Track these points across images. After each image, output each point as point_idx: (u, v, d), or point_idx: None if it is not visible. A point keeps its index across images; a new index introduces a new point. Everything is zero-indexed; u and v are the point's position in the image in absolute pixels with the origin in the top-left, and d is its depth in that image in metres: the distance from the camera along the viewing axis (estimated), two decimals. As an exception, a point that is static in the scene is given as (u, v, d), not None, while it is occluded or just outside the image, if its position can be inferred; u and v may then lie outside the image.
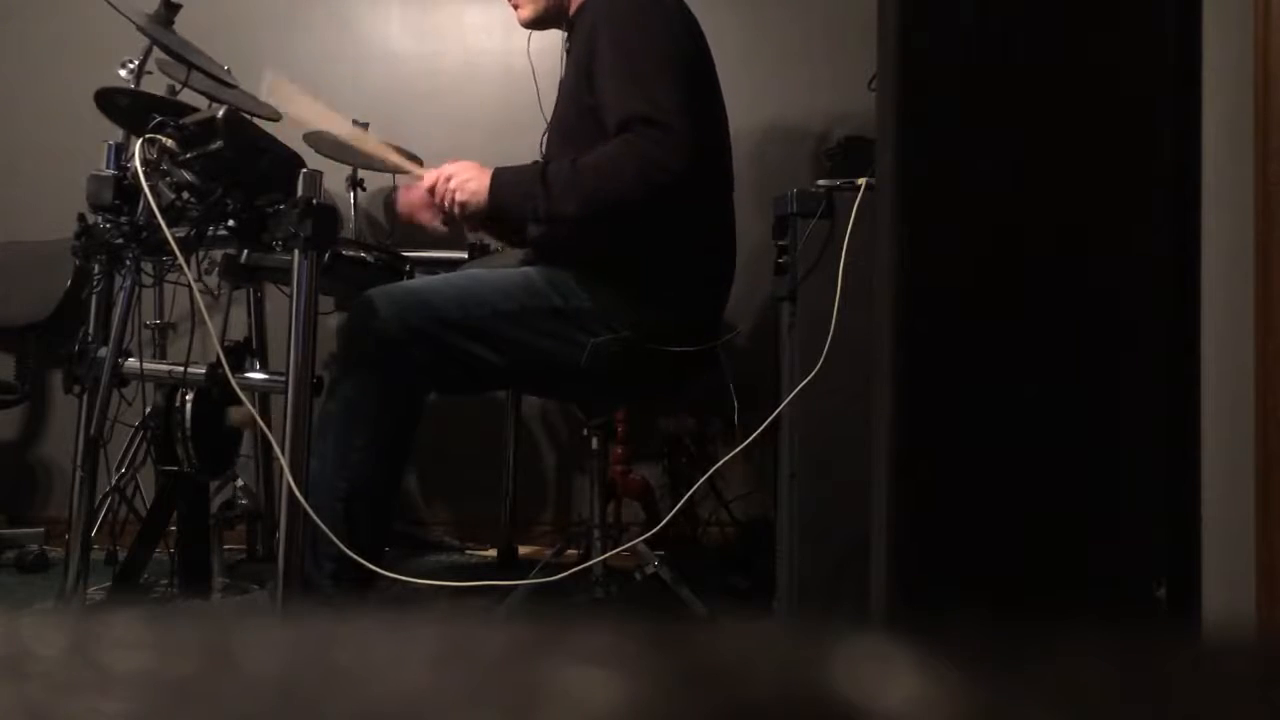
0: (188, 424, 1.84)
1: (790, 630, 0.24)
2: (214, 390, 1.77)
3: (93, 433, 1.76)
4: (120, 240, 1.72)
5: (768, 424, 1.86)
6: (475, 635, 0.23)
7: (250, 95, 2.33)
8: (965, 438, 1.19)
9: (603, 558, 1.93)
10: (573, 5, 1.89)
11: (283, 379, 1.60)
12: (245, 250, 1.72)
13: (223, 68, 2.32)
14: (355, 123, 2.59)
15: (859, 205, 1.77)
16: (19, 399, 2.73)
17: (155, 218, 1.55)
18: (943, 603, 1.13)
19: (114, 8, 2.01)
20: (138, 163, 1.57)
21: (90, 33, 2.76)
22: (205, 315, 1.61)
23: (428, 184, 1.81)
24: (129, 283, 1.77)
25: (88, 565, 1.78)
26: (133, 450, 2.43)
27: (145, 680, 0.20)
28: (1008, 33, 1.19)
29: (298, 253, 1.57)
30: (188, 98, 2.25)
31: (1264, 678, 0.22)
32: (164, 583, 1.99)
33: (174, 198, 1.63)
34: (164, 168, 1.62)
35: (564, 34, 1.96)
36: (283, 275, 1.74)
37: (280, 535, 1.56)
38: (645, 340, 1.76)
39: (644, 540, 1.93)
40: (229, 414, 1.88)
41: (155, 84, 2.31)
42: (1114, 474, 1.21)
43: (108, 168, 1.99)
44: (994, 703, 0.20)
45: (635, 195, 1.66)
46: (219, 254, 1.78)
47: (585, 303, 1.76)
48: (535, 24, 1.94)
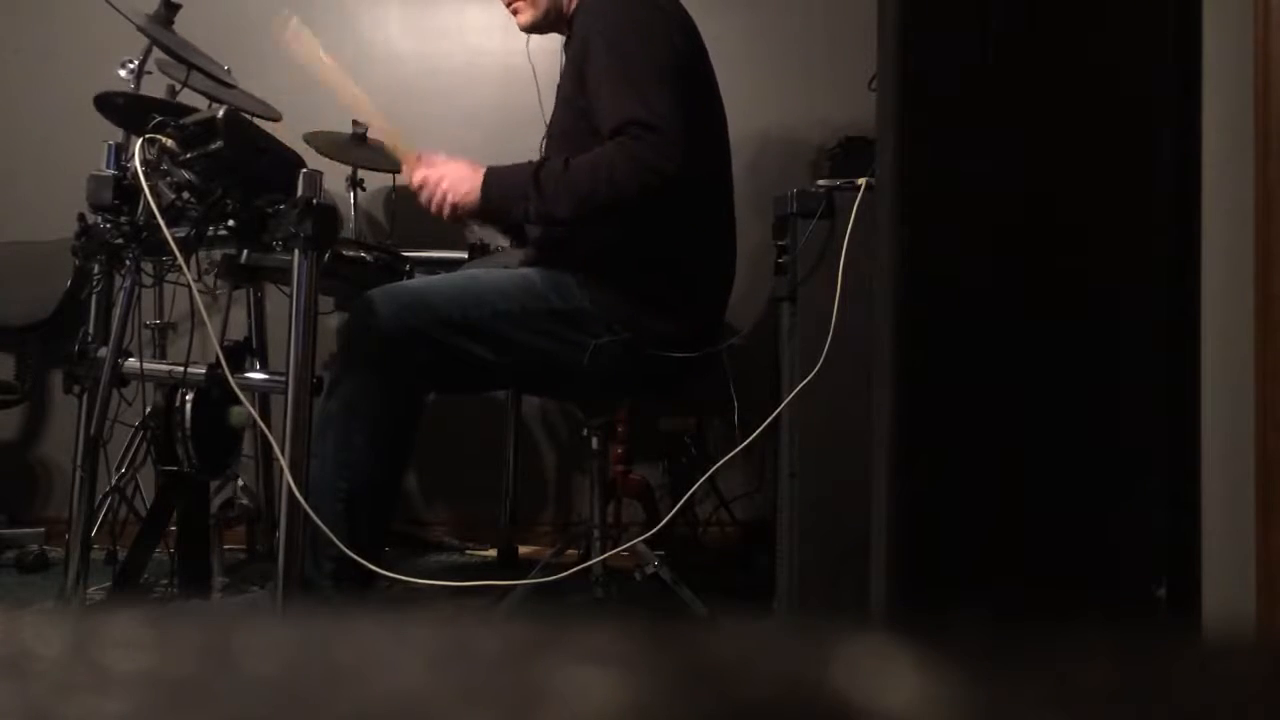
0: (188, 424, 1.84)
1: (790, 630, 0.24)
2: (214, 390, 1.77)
3: (93, 433, 1.76)
4: (120, 240, 1.72)
5: (768, 424, 1.86)
6: (475, 635, 0.23)
7: (250, 95, 2.33)
8: (965, 437, 1.19)
9: (603, 558, 1.93)
10: (570, 8, 1.89)
11: (283, 379, 1.60)
12: (245, 250, 1.72)
13: (223, 68, 2.32)
14: (355, 124, 2.59)
15: (859, 205, 1.77)
16: (19, 399, 2.73)
17: (155, 218, 1.55)
18: (943, 603, 1.13)
19: (114, 8, 2.01)
20: (138, 163, 1.57)
21: (90, 33, 2.76)
22: (205, 315, 1.62)
23: (417, 182, 1.80)
24: (129, 283, 1.77)
25: (88, 565, 1.78)
26: (133, 450, 2.43)
27: (145, 680, 0.20)
28: (1008, 33, 1.19)
29: (298, 253, 1.57)
30: (188, 98, 2.25)
31: (1264, 678, 0.22)
32: (164, 583, 1.99)
33: (174, 198, 1.63)
34: (164, 168, 1.62)
35: (563, 36, 1.96)
36: (283, 275, 1.74)
37: (280, 535, 1.56)
38: (645, 341, 1.76)
39: (644, 540, 1.93)
40: (230, 414, 1.88)
41: (155, 84, 2.31)
42: (1114, 474, 1.21)
43: (108, 168, 1.99)
44: (994, 703, 0.20)
45: (628, 197, 1.66)
46: (219, 254, 1.78)
47: (585, 303, 1.76)
48: (534, 28, 1.94)
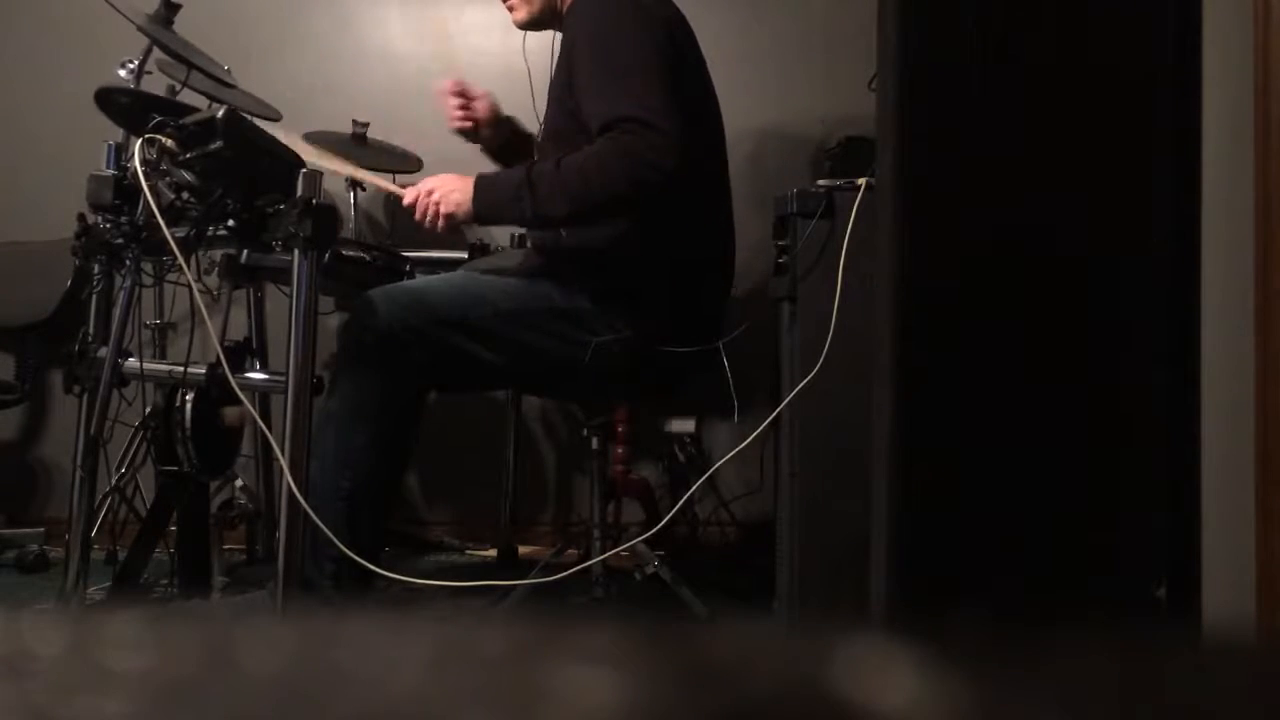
0: (188, 424, 1.84)
1: (790, 630, 0.24)
2: (214, 390, 1.77)
3: (93, 433, 1.76)
4: (120, 240, 1.72)
5: (768, 424, 1.86)
6: (475, 635, 0.23)
7: (250, 95, 2.33)
8: (965, 438, 1.19)
9: (603, 558, 1.93)
10: (565, 6, 1.89)
11: (283, 379, 1.60)
12: (245, 250, 1.72)
13: (223, 68, 2.32)
14: (355, 123, 2.59)
15: (859, 205, 1.77)
16: (19, 399, 2.73)
17: (155, 218, 1.55)
18: (943, 603, 1.13)
19: (114, 8, 2.01)
20: (138, 163, 1.57)
21: (90, 33, 2.76)
22: (205, 315, 1.61)
23: (408, 203, 1.80)
24: (129, 283, 1.77)
25: (88, 565, 1.77)
26: (133, 450, 2.43)
27: (145, 680, 0.20)
28: (1008, 33, 1.19)
29: (298, 253, 1.57)
30: (188, 98, 2.25)
31: (1264, 677, 0.22)
32: (164, 583, 1.99)
33: (174, 198, 1.63)
34: (164, 168, 1.62)
35: (557, 34, 1.96)
36: (283, 275, 1.74)
37: (280, 535, 1.56)
38: (645, 340, 1.76)
39: (644, 540, 1.93)
40: (223, 414, 1.88)
41: (155, 84, 2.31)
42: (1114, 474, 1.21)
43: (108, 168, 1.99)
44: (994, 703, 0.20)
45: (623, 193, 1.65)
46: (219, 254, 1.78)
47: (585, 303, 1.76)
48: (530, 25, 1.94)
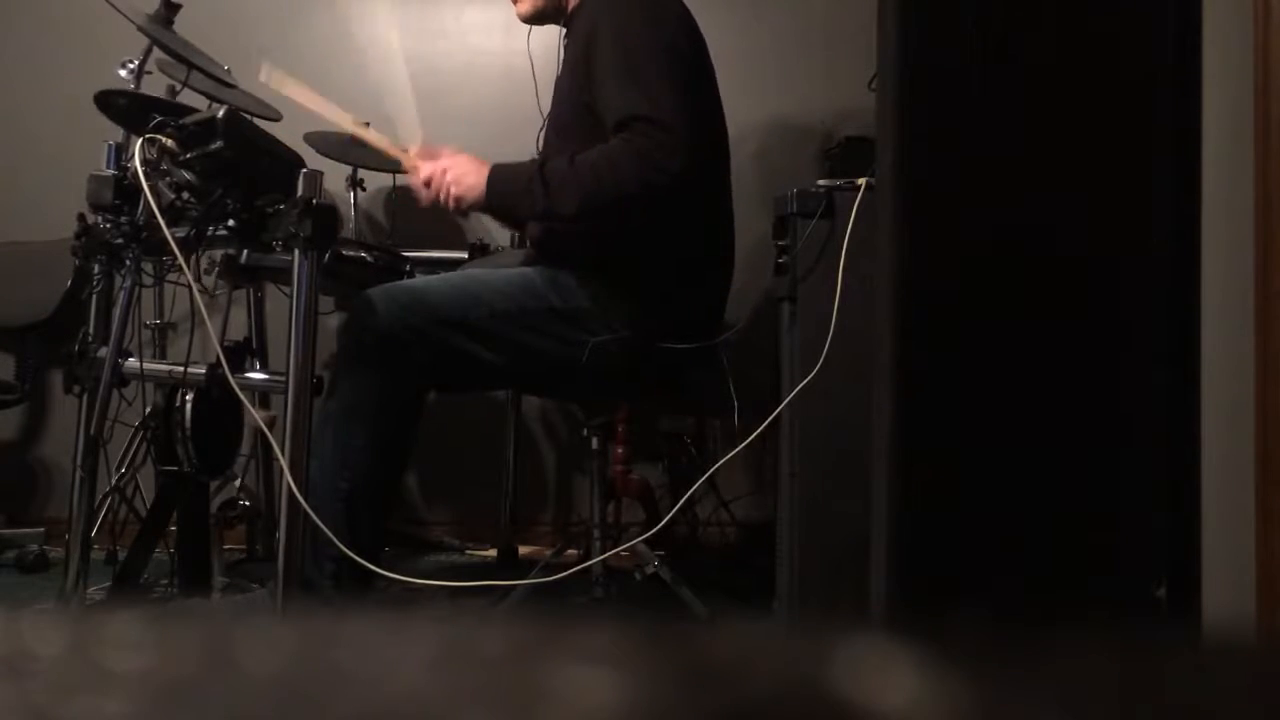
0: (188, 424, 1.84)
1: (790, 630, 0.24)
2: (214, 390, 1.77)
3: (93, 433, 1.76)
4: (120, 240, 1.72)
5: (768, 424, 1.86)
6: (475, 635, 0.23)
7: (250, 95, 2.33)
8: (965, 438, 1.19)
9: (603, 558, 1.93)
10: (571, 2, 1.89)
11: (283, 379, 1.60)
12: (245, 250, 1.72)
13: (223, 68, 2.32)
14: (356, 122, 2.59)
15: (859, 205, 1.77)
16: (19, 399, 2.73)
17: (155, 218, 1.55)
18: (943, 603, 1.13)
19: (114, 8, 2.01)
20: (138, 163, 1.57)
21: (90, 33, 2.76)
22: (205, 315, 1.61)
23: (424, 176, 1.80)
24: (129, 283, 1.77)
25: (88, 565, 1.77)
26: (133, 450, 2.43)
27: (145, 680, 0.20)
28: (1008, 33, 1.19)
29: (298, 253, 1.57)
30: (188, 98, 2.25)
31: (1264, 677, 0.22)
32: (164, 583, 1.99)
33: (174, 198, 1.63)
34: (164, 168, 1.63)
35: (561, 31, 1.96)
36: (283, 275, 1.74)
37: (280, 535, 1.56)
38: (645, 340, 1.76)
39: (644, 540, 1.93)
40: (256, 416, 1.88)
41: (155, 84, 2.31)
42: (1114, 474, 1.21)
43: (108, 168, 1.99)
44: (994, 703, 0.20)
45: (633, 194, 1.66)
46: (219, 254, 1.78)
47: (584, 302, 1.76)
48: (534, 19, 1.94)
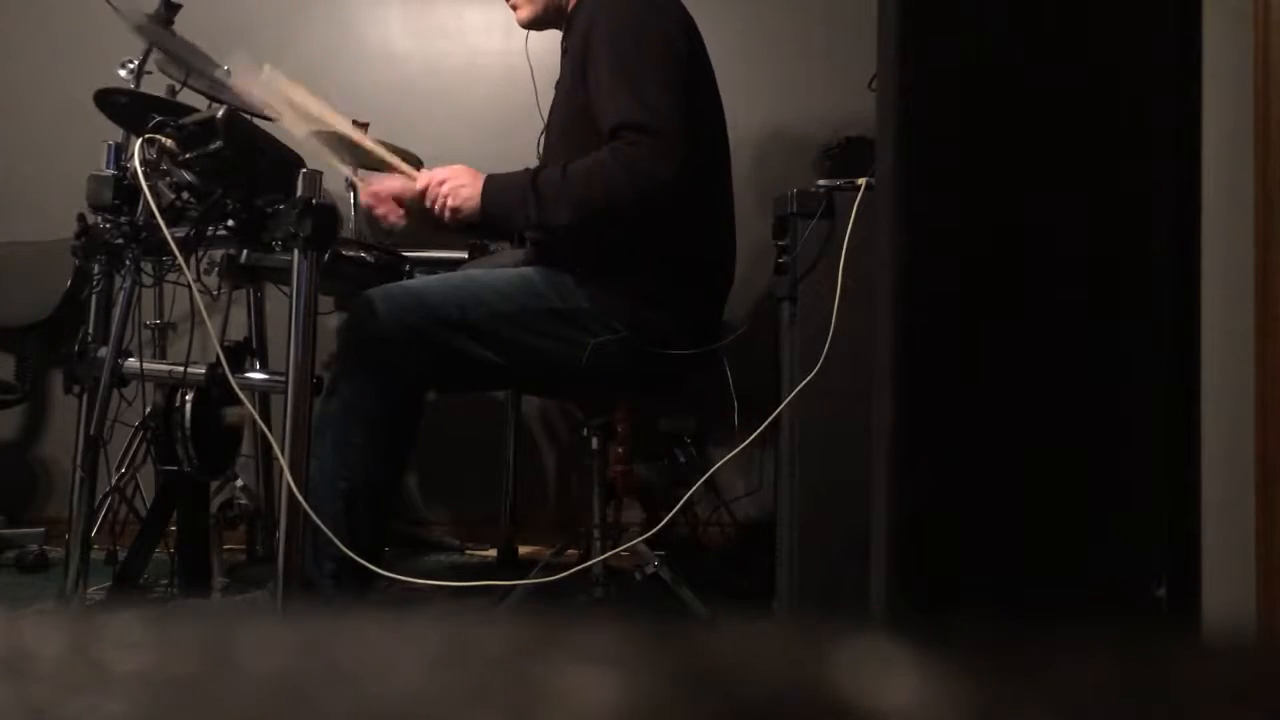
0: (188, 424, 1.84)
1: (790, 630, 0.24)
2: (214, 390, 1.77)
3: (93, 433, 1.76)
4: (120, 240, 1.72)
5: (768, 424, 1.86)
6: (475, 635, 0.23)
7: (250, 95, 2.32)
8: (965, 437, 1.19)
9: (603, 558, 1.93)
10: (570, 4, 1.89)
11: (283, 379, 1.60)
12: (245, 250, 1.72)
13: (223, 68, 2.32)
14: (355, 123, 2.59)
15: (859, 205, 1.77)
16: (19, 399, 2.73)
17: (155, 218, 1.55)
18: (943, 603, 1.13)
19: (114, 8, 2.01)
20: (138, 163, 1.57)
21: (90, 33, 2.76)
22: (205, 315, 1.61)
23: (420, 186, 1.80)
24: (129, 283, 1.77)
25: (88, 565, 1.77)
26: (133, 450, 2.43)
27: (145, 680, 0.20)
28: (1008, 33, 1.19)
29: (298, 253, 1.57)
30: (188, 98, 2.25)
31: (1264, 677, 0.22)
32: (164, 583, 1.99)
33: (174, 198, 1.63)
34: (164, 168, 1.62)
35: (561, 33, 1.96)
36: (283, 275, 1.74)
37: (280, 535, 1.56)
38: (644, 340, 1.76)
39: (644, 540, 1.93)
40: (225, 414, 1.88)
41: (155, 84, 2.31)
42: (1114, 473, 1.21)
43: (108, 168, 1.99)
44: (994, 703, 0.20)
45: (626, 203, 1.66)
46: (219, 254, 1.78)
47: (584, 303, 1.76)
48: (534, 24, 1.94)
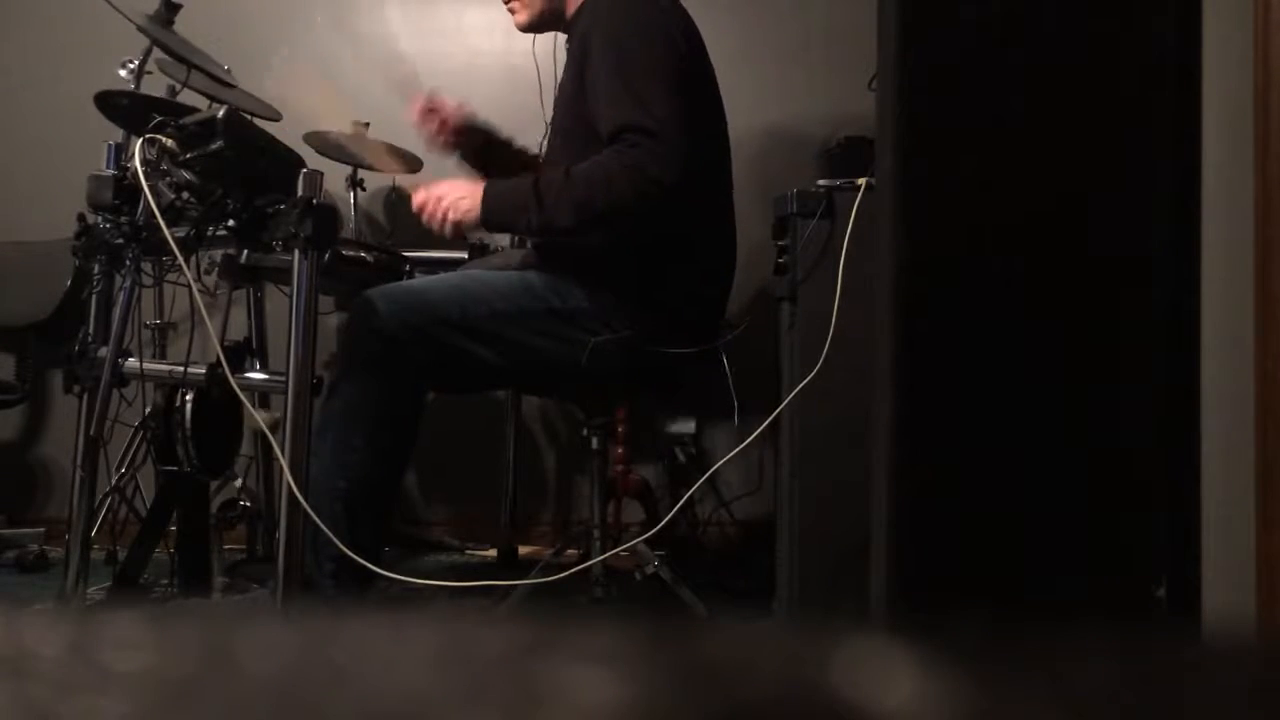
0: (188, 424, 1.84)
1: (790, 630, 0.24)
2: (214, 390, 1.77)
3: (93, 433, 1.76)
4: (120, 240, 1.72)
5: (768, 424, 1.86)
6: (475, 635, 0.23)
7: (250, 95, 2.33)
8: (965, 437, 1.19)
9: (603, 558, 1.93)
10: (570, 8, 1.89)
11: (283, 379, 1.60)
12: (245, 250, 1.72)
13: (223, 68, 2.32)
14: (355, 124, 2.59)
15: (859, 205, 1.77)
16: (19, 399, 2.73)
17: (155, 218, 1.55)
18: (943, 603, 1.13)
19: (114, 8, 2.01)
20: (138, 163, 1.57)
21: (90, 33, 2.76)
22: (205, 315, 1.61)
23: (417, 205, 1.80)
24: (129, 283, 1.77)
25: (88, 565, 1.77)
26: (133, 450, 2.43)
27: (145, 680, 0.20)
28: (1007, 33, 1.19)
29: (298, 253, 1.57)
30: (188, 98, 2.25)
31: (1264, 678, 0.22)
32: (164, 583, 1.99)
33: (174, 198, 1.63)
34: (164, 168, 1.62)
35: (563, 36, 1.96)
36: (283, 275, 1.74)
37: (280, 535, 1.56)
38: (644, 340, 1.76)
39: (644, 540, 1.93)
40: (252, 416, 1.88)
41: (155, 84, 2.31)
42: (1114, 474, 1.21)
43: (108, 168, 1.99)
44: (994, 703, 0.20)
45: (628, 206, 1.66)
46: (219, 254, 1.78)
47: (584, 303, 1.76)
48: (532, 27, 1.94)
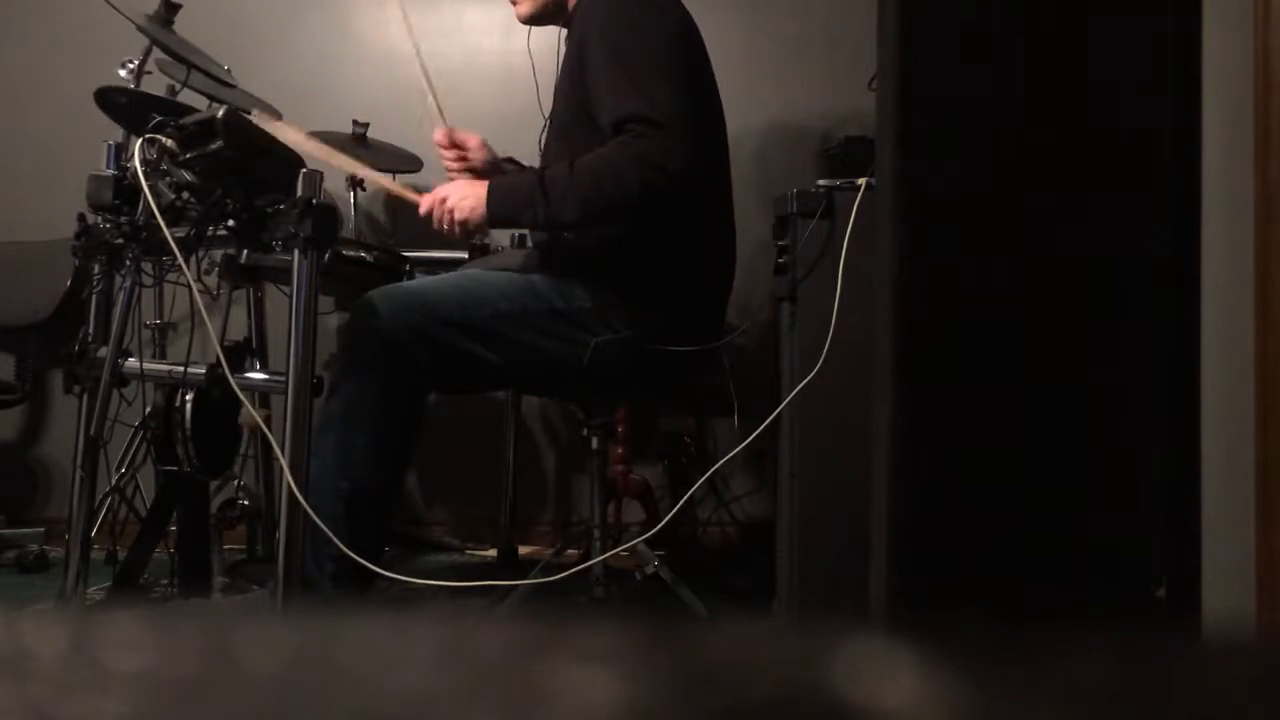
0: (188, 424, 1.84)
1: (790, 630, 0.24)
2: (214, 390, 1.77)
3: (93, 433, 1.76)
4: (120, 240, 1.72)
5: (768, 424, 1.86)
6: (475, 635, 0.23)
7: (250, 95, 2.33)
8: (965, 437, 1.19)
9: (603, 558, 1.93)
10: (572, 2, 1.89)
11: (283, 379, 1.60)
12: (245, 250, 1.72)
13: (223, 68, 2.32)
14: (355, 124, 2.59)
15: (859, 205, 1.77)
16: (19, 399, 2.73)
17: (155, 218, 1.55)
18: (943, 603, 1.13)
19: (114, 8, 2.01)
20: (138, 163, 1.57)
21: (90, 33, 2.76)
22: (205, 315, 1.61)
23: (424, 210, 1.80)
24: (129, 283, 1.77)
25: (88, 565, 1.77)
26: (133, 450, 2.43)
27: (145, 680, 0.20)
28: (1007, 33, 1.19)
29: (298, 253, 1.57)
30: (188, 98, 2.25)
31: (1264, 678, 0.22)
32: (164, 583, 1.99)
33: (174, 198, 1.63)
34: (164, 168, 1.62)
35: (562, 31, 1.96)
36: (283, 275, 1.74)
37: (280, 535, 1.56)
38: (645, 340, 1.76)
39: (644, 540, 1.93)
40: (242, 413, 1.88)
41: (155, 84, 2.31)
42: (1114, 474, 1.21)
43: (108, 168, 1.99)
44: (994, 703, 0.20)
45: (634, 197, 1.66)
46: (219, 254, 1.78)
47: (585, 303, 1.76)
48: (533, 20, 1.94)
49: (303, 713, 0.19)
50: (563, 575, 1.81)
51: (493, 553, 2.66)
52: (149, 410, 1.99)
